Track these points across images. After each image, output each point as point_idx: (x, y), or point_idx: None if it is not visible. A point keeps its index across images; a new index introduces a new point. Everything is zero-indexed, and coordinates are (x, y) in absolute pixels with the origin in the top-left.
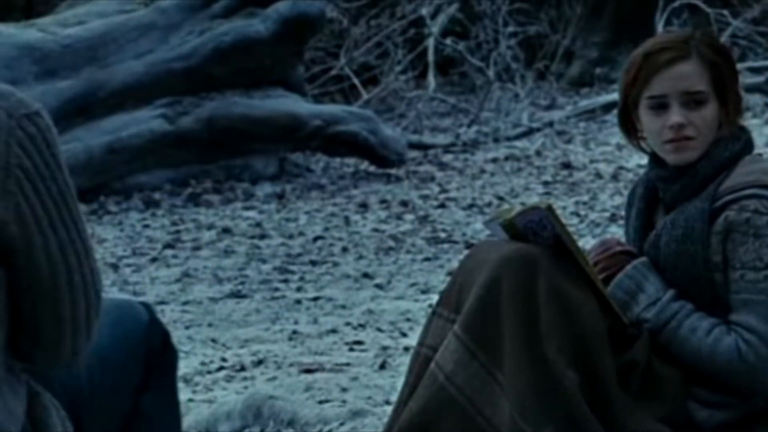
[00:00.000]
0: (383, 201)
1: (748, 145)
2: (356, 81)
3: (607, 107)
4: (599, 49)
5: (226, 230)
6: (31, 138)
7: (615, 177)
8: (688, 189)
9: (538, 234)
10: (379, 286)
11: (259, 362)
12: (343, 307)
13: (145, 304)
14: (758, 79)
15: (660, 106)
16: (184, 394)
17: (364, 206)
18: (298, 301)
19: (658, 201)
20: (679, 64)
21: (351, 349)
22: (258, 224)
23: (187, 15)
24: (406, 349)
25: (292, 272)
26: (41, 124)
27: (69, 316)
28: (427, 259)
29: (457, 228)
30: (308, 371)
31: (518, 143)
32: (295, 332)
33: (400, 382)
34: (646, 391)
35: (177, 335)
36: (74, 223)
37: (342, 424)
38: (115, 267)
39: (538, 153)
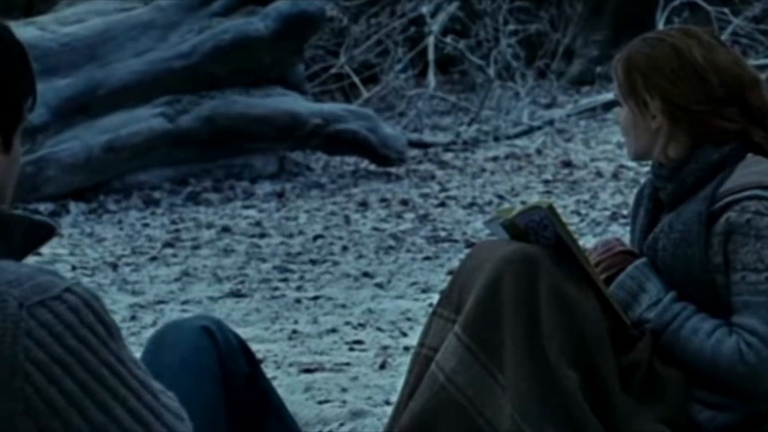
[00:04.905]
0: (383, 200)
1: (742, 148)
2: (356, 79)
3: (608, 106)
4: (600, 47)
5: (226, 229)
6: (46, 326)
7: (616, 176)
8: (681, 189)
9: (539, 234)
10: (379, 286)
11: (259, 362)
12: (343, 306)
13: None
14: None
15: None
16: None
17: (364, 205)
18: (298, 301)
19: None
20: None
21: (351, 349)
22: (258, 223)
23: (187, 13)
24: (407, 348)
25: (292, 271)
26: (59, 309)
27: None
28: (427, 258)
29: (458, 227)
30: (308, 371)
31: (519, 142)
32: (294, 332)
33: (400, 382)
34: (647, 393)
35: None
36: (121, 404)
37: (342, 424)
38: (114, 266)
39: (539, 151)
